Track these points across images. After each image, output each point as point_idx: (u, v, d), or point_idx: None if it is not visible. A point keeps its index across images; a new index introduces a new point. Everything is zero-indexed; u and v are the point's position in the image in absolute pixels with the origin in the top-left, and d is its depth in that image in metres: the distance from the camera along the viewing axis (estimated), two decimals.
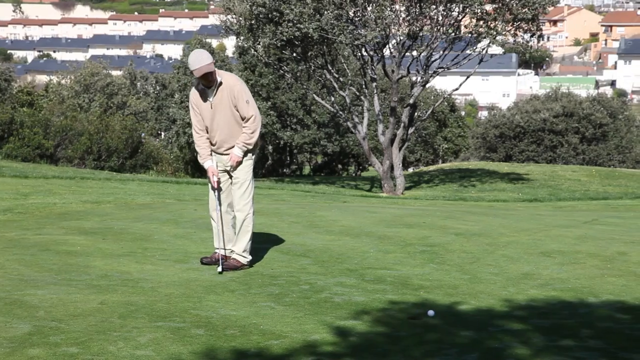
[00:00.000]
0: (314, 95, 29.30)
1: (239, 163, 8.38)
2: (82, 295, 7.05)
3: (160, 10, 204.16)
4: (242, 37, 27.75)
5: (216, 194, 8.40)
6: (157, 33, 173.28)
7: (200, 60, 7.96)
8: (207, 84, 8.11)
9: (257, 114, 8.24)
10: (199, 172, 41.41)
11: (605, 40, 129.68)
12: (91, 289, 7.32)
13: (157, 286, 7.52)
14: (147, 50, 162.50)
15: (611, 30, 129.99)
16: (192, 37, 58.99)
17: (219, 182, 8.40)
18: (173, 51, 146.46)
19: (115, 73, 69.50)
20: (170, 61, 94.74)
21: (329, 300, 7.13)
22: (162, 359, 5.47)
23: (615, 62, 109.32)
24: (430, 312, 6.70)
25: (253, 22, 26.09)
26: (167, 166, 41.92)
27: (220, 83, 8.13)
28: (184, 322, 6.31)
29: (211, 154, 8.41)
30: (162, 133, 52.62)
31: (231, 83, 8.15)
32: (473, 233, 11.06)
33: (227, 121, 8.20)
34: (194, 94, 8.29)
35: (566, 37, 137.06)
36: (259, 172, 42.07)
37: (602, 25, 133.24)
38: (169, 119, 43.93)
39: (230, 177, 8.50)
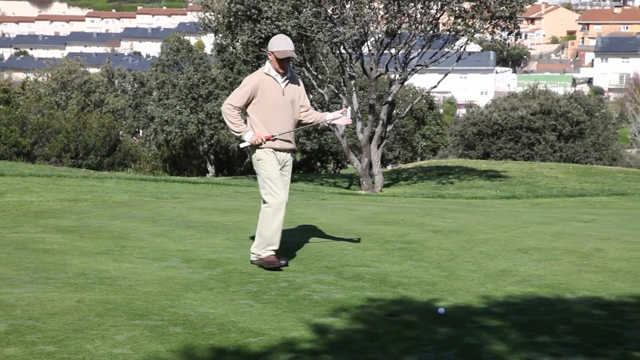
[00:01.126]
0: None
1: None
2: (59, 294, 7.02)
3: (138, 8, 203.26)
4: (220, 35, 27.70)
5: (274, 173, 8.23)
6: (135, 30, 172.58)
7: (287, 43, 8.04)
8: (283, 70, 8.11)
9: None
10: (177, 170, 41.32)
11: (583, 38, 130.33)
12: (68, 287, 7.28)
13: (135, 284, 7.49)
14: (125, 47, 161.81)
15: (588, 29, 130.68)
16: (170, 34, 58.76)
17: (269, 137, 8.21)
18: (151, 49, 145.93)
19: (93, 70, 69.23)
20: (149, 59, 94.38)
21: (308, 298, 7.14)
22: (139, 358, 5.45)
23: (592, 60, 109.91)
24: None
25: (231, 19, 26.04)
26: (145, 164, 41.82)
27: (292, 75, 8.25)
28: (161, 320, 6.29)
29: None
30: (140, 131, 52.44)
31: (298, 78, 8.38)
32: (451, 230, 11.10)
33: (290, 115, 8.27)
34: (262, 76, 8.17)
35: (543, 35, 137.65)
36: (237, 170, 42.02)
37: (579, 23, 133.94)
38: (147, 116, 43.74)
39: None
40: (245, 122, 8.30)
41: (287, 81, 8.19)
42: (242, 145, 8.37)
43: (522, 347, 5.82)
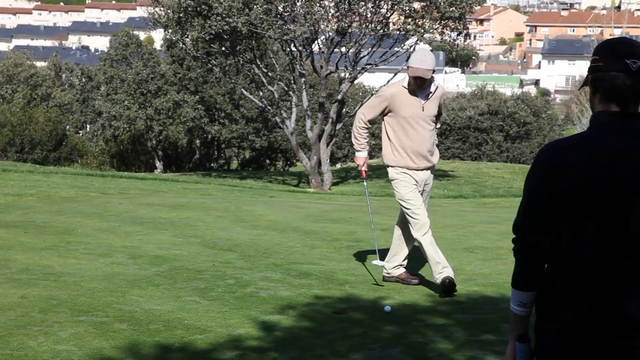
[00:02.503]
0: (243, 89, 29.20)
1: None
2: (2, 290, 6.92)
3: (87, 1, 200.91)
4: (170, 30, 27.48)
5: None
6: (84, 24, 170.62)
7: (421, 61, 7.23)
8: (418, 88, 7.34)
9: None
10: (125, 165, 40.96)
11: (530, 40, 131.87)
12: (11, 283, 7.18)
13: (80, 280, 7.41)
14: (72, 41, 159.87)
15: (536, 31, 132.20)
16: (119, 29, 58.23)
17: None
18: (99, 43, 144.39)
19: (40, 64, 68.23)
20: (97, 53, 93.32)
21: (255, 295, 7.12)
22: (83, 354, 5.40)
23: (539, 62, 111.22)
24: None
25: (181, 15, 25.86)
26: (92, 159, 41.38)
27: (436, 89, 7.48)
28: (106, 317, 6.24)
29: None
30: (88, 126, 51.89)
31: (442, 90, 7.63)
32: None
33: (430, 131, 7.49)
34: (399, 89, 7.41)
35: (492, 37, 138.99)
36: (185, 167, 41.78)
37: (527, 25, 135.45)
38: (94, 111, 43.32)
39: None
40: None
41: (430, 96, 7.40)
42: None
43: (466, 345, 5.88)
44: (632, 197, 2.73)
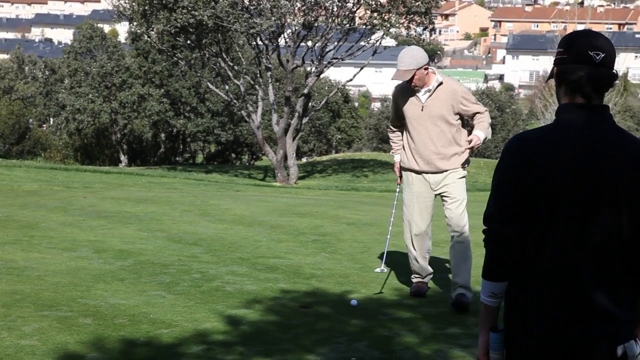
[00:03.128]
0: (208, 83, 29.11)
1: (474, 148, 6.99)
2: None
3: None
4: (135, 23, 27.32)
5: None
6: (47, 17, 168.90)
7: (399, 62, 6.66)
8: (411, 86, 6.73)
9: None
10: (89, 159, 40.65)
11: (495, 35, 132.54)
12: None
13: (44, 275, 7.34)
14: (35, 34, 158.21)
15: (500, 26, 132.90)
16: (83, 21, 57.69)
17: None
18: (63, 35, 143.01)
19: (2, 57, 67.52)
20: (60, 46, 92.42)
21: (221, 289, 7.10)
22: (47, 349, 5.35)
23: (504, 57, 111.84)
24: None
25: (146, 7, 25.71)
26: (55, 153, 41.03)
27: (440, 84, 6.73)
28: (71, 312, 6.18)
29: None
30: (51, 119, 51.42)
31: (452, 86, 6.79)
32: (365, 223, 11.18)
33: (434, 133, 6.79)
34: (400, 87, 6.88)
35: (457, 31, 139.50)
36: (150, 161, 41.56)
37: (491, 21, 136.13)
38: (58, 104, 42.90)
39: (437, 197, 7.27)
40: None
41: (430, 94, 6.72)
42: None
43: (432, 339, 5.90)
44: (599, 187, 2.77)
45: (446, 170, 6.93)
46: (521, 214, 2.82)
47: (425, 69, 6.67)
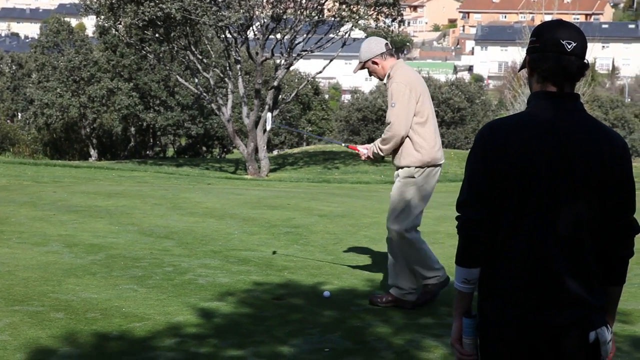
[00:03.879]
0: (178, 76, 28.97)
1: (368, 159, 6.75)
2: None
3: None
4: (102, 17, 27.09)
5: None
6: (13, 11, 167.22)
7: (359, 54, 6.61)
8: (373, 77, 6.67)
9: (399, 121, 6.32)
10: (59, 154, 40.36)
11: (463, 26, 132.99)
12: None
13: (14, 270, 7.29)
14: (1, 28, 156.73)
15: (468, 17, 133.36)
16: (49, 15, 57.16)
17: None
18: (29, 30, 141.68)
19: None
20: (27, 40, 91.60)
21: (193, 282, 7.09)
22: (19, 344, 5.32)
23: (473, 48, 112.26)
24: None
25: (114, 1, 25.51)
26: (24, 148, 40.66)
27: (389, 78, 6.49)
28: (42, 306, 6.15)
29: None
30: (19, 114, 50.96)
31: (390, 84, 6.44)
32: (336, 214, 11.20)
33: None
34: None
35: (426, 23, 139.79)
36: (120, 155, 41.33)
37: (459, 12, 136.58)
38: (26, 99, 42.50)
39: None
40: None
41: (386, 88, 6.57)
42: None
43: (405, 329, 5.93)
44: (569, 175, 2.80)
45: (399, 168, 6.57)
46: (493, 201, 2.84)
47: (374, 62, 6.52)
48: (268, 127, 7.52)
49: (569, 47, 2.84)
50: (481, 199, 2.85)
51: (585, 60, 2.88)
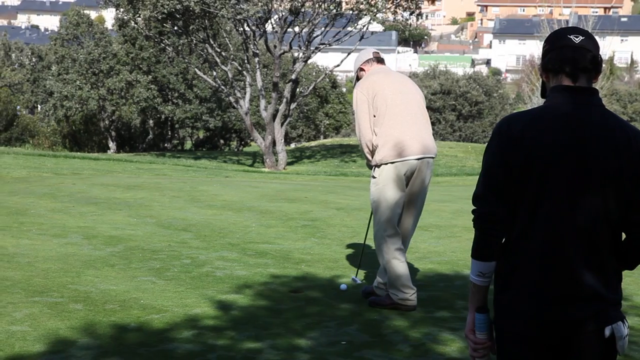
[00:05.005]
0: (196, 69, 29.05)
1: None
2: None
3: None
4: (121, 9, 27.20)
5: None
6: (33, 3, 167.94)
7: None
8: None
9: (359, 129, 6.33)
10: (78, 146, 40.55)
11: (481, 19, 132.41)
12: None
13: (34, 261, 7.36)
14: (22, 20, 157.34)
15: (486, 10, 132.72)
16: (69, 8, 57.36)
17: None
18: (50, 22, 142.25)
19: None
20: (47, 32, 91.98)
21: (211, 275, 7.13)
22: (38, 335, 5.37)
23: (490, 42, 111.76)
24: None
25: None
26: (44, 140, 40.90)
27: None
28: (62, 297, 6.20)
29: None
30: (39, 106, 51.21)
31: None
32: (353, 207, 11.21)
33: None
34: None
35: (444, 16, 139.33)
36: (139, 147, 41.47)
37: (477, 5, 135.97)
38: (45, 91, 42.72)
39: None
40: None
41: None
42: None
43: (421, 322, 5.95)
44: (585, 169, 2.81)
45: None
46: (510, 194, 2.86)
47: (362, 69, 6.51)
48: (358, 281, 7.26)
49: (576, 40, 2.89)
50: (497, 193, 2.87)
51: (597, 54, 2.91)
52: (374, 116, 6.27)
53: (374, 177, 6.34)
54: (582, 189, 2.81)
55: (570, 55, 2.88)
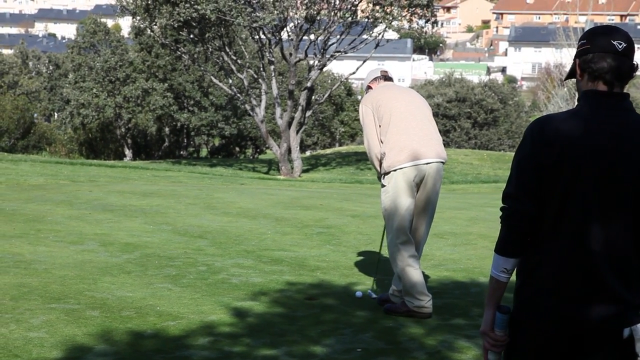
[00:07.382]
0: (212, 77, 29.14)
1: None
2: None
3: None
4: (138, 18, 27.33)
5: None
6: (50, 12, 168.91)
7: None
8: None
9: (367, 142, 6.44)
10: (94, 153, 40.72)
11: (497, 27, 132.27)
12: None
13: (51, 268, 7.39)
14: (39, 29, 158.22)
15: (502, 18, 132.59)
16: (86, 16, 57.67)
17: None
18: (66, 30, 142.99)
19: (6, 52, 67.55)
20: (64, 41, 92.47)
21: (227, 282, 7.15)
22: (55, 341, 5.40)
23: (506, 49, 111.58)
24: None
25: (149, 2, 25.72)
26: (60, 147, 41.11)
27: None
28: (78, 304, 6.23)
29: None
30: (56, 114, 51.47)
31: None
32: (369, 215, 11.21)
33: None
34: None
35: (459, 24, 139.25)
36: (155, 154, 41.60)
37: (493, 13, 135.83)
38: (62, 99, 42.93)
39: None
40: None
41: None
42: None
43: (437, 330, 5.94)
44: (616, 172, 2.84)
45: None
46: (540, 193, 2.89)
47: (369, 87, 6.68)
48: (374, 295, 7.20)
49: (620, 47, 2.89)
50: (528, 192, 2.90)
51: (635, 62, 2.92)
52: (380, 126, 6.30)
53: (383, 186, 6.33)
54: (611, 192, 2.84)
55: (613, 64, 2.89)
